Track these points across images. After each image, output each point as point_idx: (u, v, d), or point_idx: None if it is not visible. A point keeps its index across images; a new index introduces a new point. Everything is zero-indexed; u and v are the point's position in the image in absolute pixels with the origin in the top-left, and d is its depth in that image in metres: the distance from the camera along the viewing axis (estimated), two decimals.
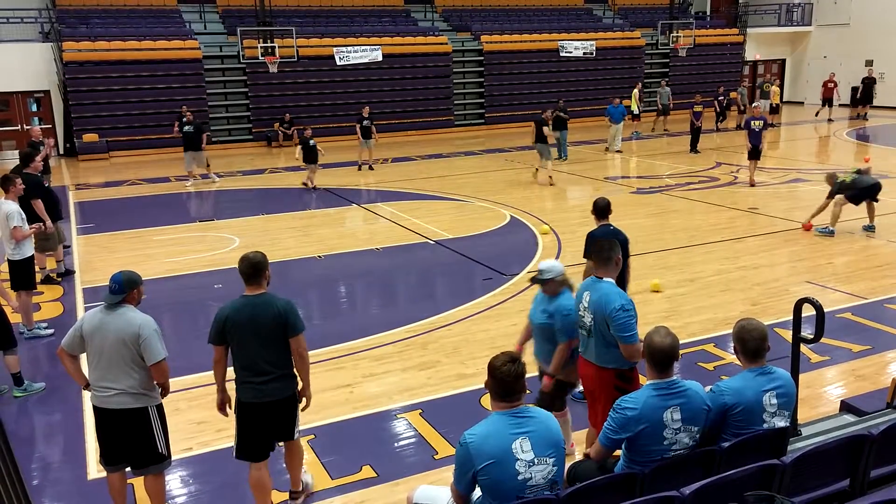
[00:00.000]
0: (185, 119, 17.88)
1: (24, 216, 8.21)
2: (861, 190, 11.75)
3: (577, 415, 6.16)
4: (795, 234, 11.98)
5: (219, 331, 4.69)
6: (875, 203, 11.92)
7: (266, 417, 4.76)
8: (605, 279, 4.81)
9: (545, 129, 16.93)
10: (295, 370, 4.82)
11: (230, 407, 4.91)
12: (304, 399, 4.93)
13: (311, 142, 16.89)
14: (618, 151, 21.44)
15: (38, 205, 9.76)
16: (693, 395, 3.80)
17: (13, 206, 8.14)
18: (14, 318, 7.59)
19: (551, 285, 5.17)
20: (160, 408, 4.78)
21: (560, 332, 5.07)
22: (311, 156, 16.82)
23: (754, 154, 15.74)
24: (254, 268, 4.72)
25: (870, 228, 11.96)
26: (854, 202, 11.89)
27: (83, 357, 4.74)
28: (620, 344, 4.65)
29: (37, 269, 10.28)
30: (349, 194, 16.43)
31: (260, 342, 4.64)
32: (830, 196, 11.87)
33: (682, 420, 3.74)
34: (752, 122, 15.85)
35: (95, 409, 4.68)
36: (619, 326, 4.60)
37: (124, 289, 4.61)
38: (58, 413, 6.69)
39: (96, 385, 4.63)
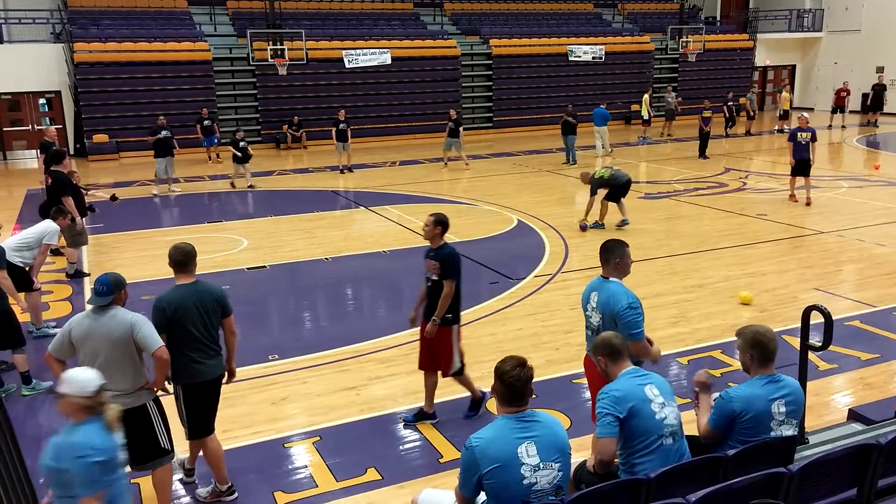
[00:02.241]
0: (158, 123, 17.54)
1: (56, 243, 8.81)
2: (617, 187, 12.55)
3: (581, 420, 6.15)
4: (804, 240, 11.93)
5: (165, 319, 4.89)
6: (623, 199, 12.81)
7: (211, 392, 5.11)
8: (611, 279, 4.91)
9: (450, 125, 19.87)
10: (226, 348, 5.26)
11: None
12: (231, 373, 5.35)
13: (242, 143, 17.57)
14: (608, 154, 21.52)
15: (69, 202, 10.18)
16: (659, 376, 4.06)
17: (56, 228, 8.62)
18: (23, 317, 7.62)
19: (63, 404, 3.55)
20: (157, 401, 4.81)
21: (82, 482, 3.39)
22: (243, 157, 17.53)
23: (800, 170, 14.14)
24: (188, 257, 5.09)
25: (624, 223, 12.70)
26: (612, 199, 12.67)
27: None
28: (628, 341, 4.65)
29: (69, 263, 10.60)
30: (356, 196, 16.46)
31: (205, 325, 5.02)
32: (593, 193, 12.72)
33: (662, 394, 3.91)
34: (799, 134, 14.08)
35: None
36: (627, 324, 4.69)
37: (112, 290, 4.59)
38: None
39: None
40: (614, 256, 4.91)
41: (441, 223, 6.04)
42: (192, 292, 5.00)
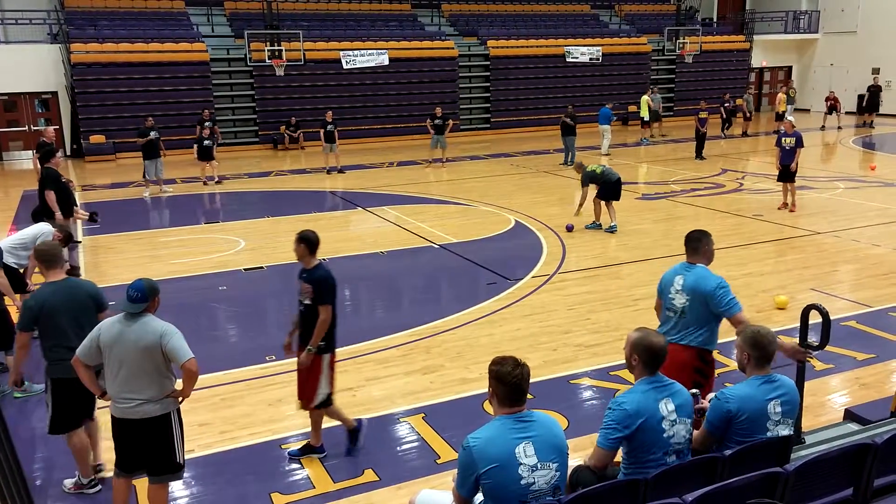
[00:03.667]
0: (146, 125, 17.40)
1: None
2: (607, 184, 12.61)
3: (579, 420, 6.16)
4: (801, 241, 11.95)
5: (33, 317, 5.02)
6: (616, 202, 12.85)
7: (80, 389, 5.01)
8: (697, 265, 5.15)
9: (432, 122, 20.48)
10: None
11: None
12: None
13: (206, 141, 18.20)
14: (605, 155, 21.65)
15: (50, 196, 10.36)
16: (680, 387, 3.92)
17: (51, 230, 8.63)
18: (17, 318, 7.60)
19: None
20: (179, 412, 4.74)
21: None
22: (205, 153, 18.23)
23: (785, 176, 13.82)
24: (55, 253, 5.30)
25: (612, 229, 12.64)
26: (601, 197, 12.75)
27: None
28: (727, 317, 4.96)
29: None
30: (354, 197, 16.46)
31: (76, 321, 5.11)
32: (583, 185, 12.86)
33: (677, 410, 3.81)
34: (784, 140, 13.75)
35: (115, 419, 4.59)
36: (720, 301, 4.94)
37: (147, 297, 4.52)
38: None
39: (118, 396, 4.53)
40: (701, 245, 5.18)
41: (305, 240, 5.55)
42: (62, 289, 5.14)
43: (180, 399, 4.69)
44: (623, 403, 3.80)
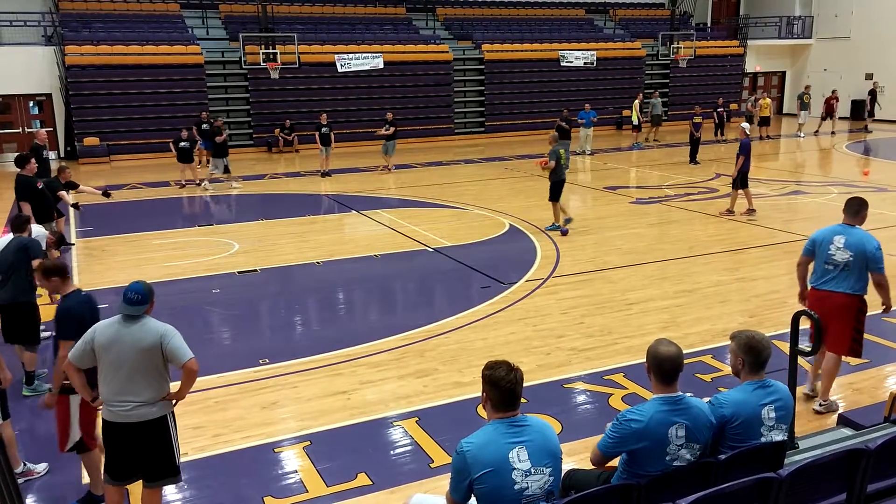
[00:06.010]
0: (219, 124, 18.73)
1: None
2: (557, 177, 12.83)
3: (572, 424, 6.15)
4: (794, 245, 11.97)
5: None
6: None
7: None
8: (855, 226, 6.13)
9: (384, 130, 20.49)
10: None
11: None
12: None
13: (182, 143, 18.49)
14: (589, 154, 22.56)
15: (25, 207, 10.46)
16: (699, 413, 3.76)
17: (44, 232, 8.58)
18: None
19: None
20: (174, 414, 4.71)
21: None
22: (185, 156, 18.42)
23: (733, 181, 13.93)
24: None
25: (567, 222, 12.92)
26: (555, 199, 12.91)
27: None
28: (875, 273, 6.05)
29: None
30: (348, 200, 16.45)
31: None
32: (550, 159, 12.79)
33: (686, 437, 3.70)
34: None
35: (109, 424, 4.51)
36: (877, 260, 6.01)
37: (147, 299, 4.51)
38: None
39: (113, 400, 4.46)
40: (862, 210, 6.16)
41: (56, 272, 5.14)
42: None
43: (175, 401, 4.66)
44: (631, 421, 3.68)
